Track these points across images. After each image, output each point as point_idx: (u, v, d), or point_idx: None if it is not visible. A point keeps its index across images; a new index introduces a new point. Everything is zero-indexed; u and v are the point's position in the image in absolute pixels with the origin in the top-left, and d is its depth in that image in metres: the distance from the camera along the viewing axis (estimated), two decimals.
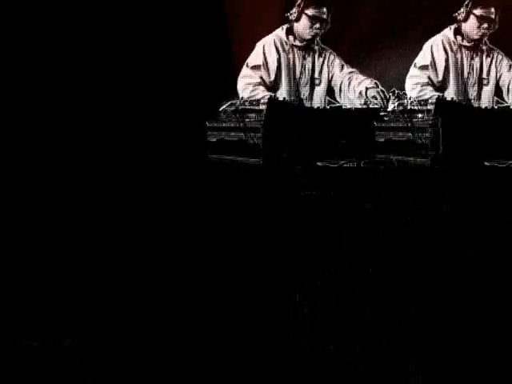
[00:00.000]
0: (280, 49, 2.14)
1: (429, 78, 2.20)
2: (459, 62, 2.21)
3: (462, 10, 2.13)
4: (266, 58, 2.15)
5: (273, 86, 2.17)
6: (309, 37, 2.14)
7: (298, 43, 2.16)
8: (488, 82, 2.22)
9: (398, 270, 1.94)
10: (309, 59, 2.18)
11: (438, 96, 2.21)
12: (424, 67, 2.20)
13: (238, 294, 1.85)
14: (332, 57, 2.19)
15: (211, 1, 2.15)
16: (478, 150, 2.07)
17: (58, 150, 2.05)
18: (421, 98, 2.16)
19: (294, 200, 2.03)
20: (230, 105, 2.09)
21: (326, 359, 1.73)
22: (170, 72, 2.09)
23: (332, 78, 2.19)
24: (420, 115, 2.16)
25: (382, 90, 2.16)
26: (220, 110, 2.11)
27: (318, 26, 2.10)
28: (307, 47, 2.18)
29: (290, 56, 2.16)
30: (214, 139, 2.12)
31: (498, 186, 2.04)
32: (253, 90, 2.13)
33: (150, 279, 1.87)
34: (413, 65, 2.21)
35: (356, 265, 1.95)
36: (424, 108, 2.16)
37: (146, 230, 1.95)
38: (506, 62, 2.19)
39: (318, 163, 2.09)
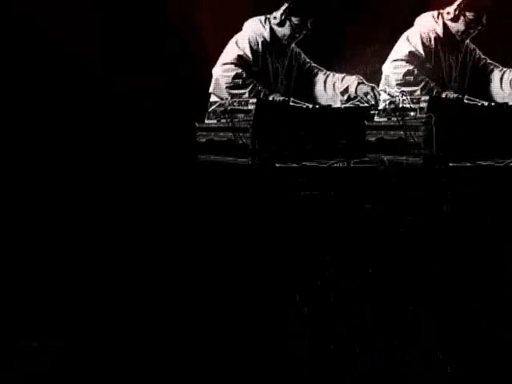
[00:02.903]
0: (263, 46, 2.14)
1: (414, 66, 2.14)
2: (441, 58, 2.17)
3: (451, 8, 2.09)
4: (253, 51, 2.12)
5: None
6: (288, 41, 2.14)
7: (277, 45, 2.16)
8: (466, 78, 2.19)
9: (397, 270, 1.94)
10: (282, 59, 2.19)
11: (431, 93, 2.16)
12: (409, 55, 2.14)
13: (232, 295, 1.86)
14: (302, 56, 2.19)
15: None
16: (473, 149, 2.04)
17: (47, 150, 2.07)
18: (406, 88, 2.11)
19: (283, 200, 2.04)
20: (219, 105, 2.07)
21: (326, 359, 1.74)
22: (160, 73, 2.07)
23: (300, 76, 2.20)
24: (412, 113, 2.12)
25: (373, 87, 2.12)
26: (209, 110, 2.10)
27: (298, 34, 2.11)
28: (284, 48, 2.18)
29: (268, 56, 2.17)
30: (204, 140, 2.12)
31: (494, 185, 2.02)
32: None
33: (142, 279, 1.92)
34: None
35: (354, 265, 1.96)
36: (416, 106, 2.12)
37: (136, 231, 1.99)
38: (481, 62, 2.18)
39: (307, 163, 2.09)
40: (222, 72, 2.08)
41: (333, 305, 1.89)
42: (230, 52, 2.10)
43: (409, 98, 2.13)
